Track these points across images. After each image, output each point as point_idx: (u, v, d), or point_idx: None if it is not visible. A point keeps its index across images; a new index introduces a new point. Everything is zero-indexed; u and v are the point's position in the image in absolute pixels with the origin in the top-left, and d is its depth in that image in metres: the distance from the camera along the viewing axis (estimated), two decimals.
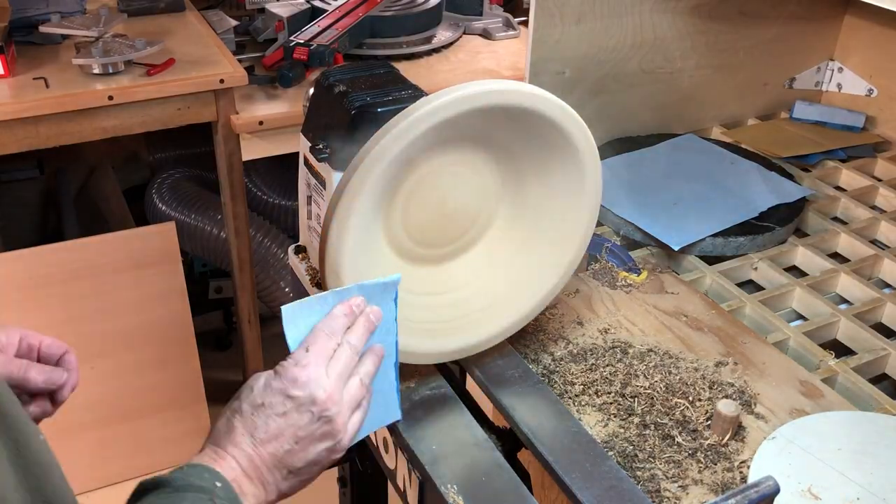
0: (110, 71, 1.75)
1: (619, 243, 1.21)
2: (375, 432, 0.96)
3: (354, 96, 0.92)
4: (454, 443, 0.87)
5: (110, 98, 1.71)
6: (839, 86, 1.63)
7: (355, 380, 0.78)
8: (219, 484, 0.69)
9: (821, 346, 1.06)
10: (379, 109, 0.90)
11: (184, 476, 0.68)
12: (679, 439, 0.88)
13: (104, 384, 1.93)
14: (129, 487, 0.70)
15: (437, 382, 0.95)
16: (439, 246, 0.93)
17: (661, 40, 1.41)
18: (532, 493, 0.82)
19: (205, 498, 0.67)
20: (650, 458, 0.87)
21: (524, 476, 0.86)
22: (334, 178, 0.90)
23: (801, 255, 1.25)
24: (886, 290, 1.18)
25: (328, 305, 0.78)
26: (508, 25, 2.32)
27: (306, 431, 0.74)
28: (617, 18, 1.35)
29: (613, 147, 1.43)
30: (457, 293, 0.95)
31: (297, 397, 0.74)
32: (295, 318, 0.79)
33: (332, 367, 0.76)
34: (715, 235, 1.22)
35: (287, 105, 1.89)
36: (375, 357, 0.80)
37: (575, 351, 1.00)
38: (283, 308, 0.78)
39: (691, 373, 0.97)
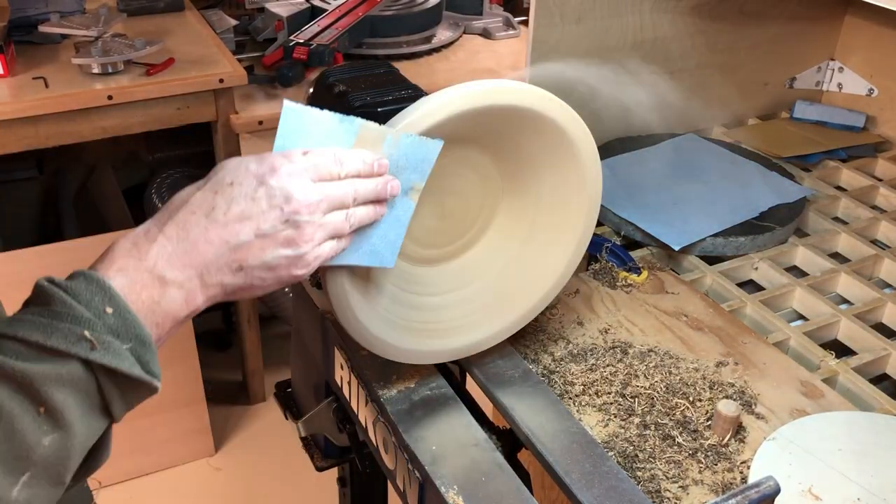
0: (110, 70, 1.75)
1: (619, 243, 1.21)
2: (375, 433, 0.96)
3: (354, 96, 0.92)
4: (454, 443, 0.87)
5: (110, 98, 1.71)
6: (840, 85, 1.63)
7: (341, 213, 0.69)
8: (109, 310, 0.58)
9: (821, 346, 1.06)
10: (379, 109, 0.90)
11: (71, 295, 0.58)
12: (679, 439, 0.88)
13: None
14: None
15: (436, 382, 0.95)
16: (439, 246, 0.93)
17: (662, 40, 1.41)
18: (532, 493, 0.82)
19: (76, 332, 0.56)
20: (650, 459, 0.86)
21: (524, 476, 0.86)
22: None
23: (802, 255, 1.25)
24: (887, 290, 1.18)
25: (348, 132, 0.71)
26: (508, 25, 2.32)
27: (270, 227, 0.64)
28: (617, 18, 1.34)
29: (613, 147, 1.43)
30: (457, 293, 0.95)
31: (272, 187, 0.64)
32: (300, 121, 0.70)
33: (321, 185, 0.67)
34: (715, 235, 1.21)
35: None
36: (373, 212, 0.72)
37: (575, 351, 1.00)
38: (287, 104, 0.69)
39: (692, 373, 0.97)
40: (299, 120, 0.70)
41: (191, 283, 0.63)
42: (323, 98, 0.97)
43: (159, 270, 0.61)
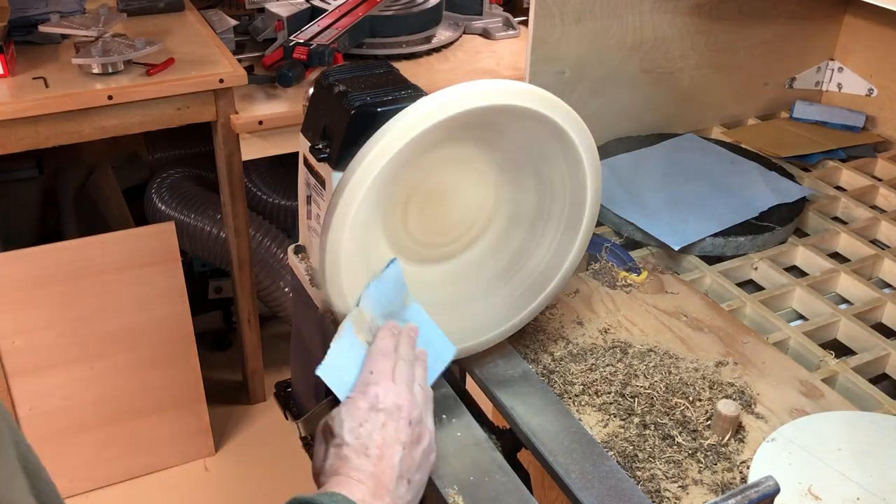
0: (110, 71, 1.75)
1: (619, 243, 1.21)
2: None
3: (354, 96, 0.92)
4: (454, 443, 0.87)
5: (110, 98, 1.71)
6: (839, 85, 1.63)
7: (416, 386, 0.81)
8: None
9: (821, 346, 1.06)
10: (379, 109, 0.90)
11: (327, 500, 0.70)
12: (679, 439, 0.88)
13: (104, 384, 1.93)
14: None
15: (436, 382, 0.94)
16: (439, 245, 0.93)
17: (661, 40, 1.41)
18: (532, 493, 0.82)
19: None
20: (650, 458, 0.86)
21: (524, 476, 0.86)
22: (334, 178, 0.90)
23: (802, 255, 1.25)
24: (886, 290, 1.18)
25: (355, 346, 0.83)
26: (508, 25, 2.32)
27: (407, 436, 0.76)
28: (617, 18, 1.35)
29: (613, 147, 1.43)
30: (457, 293, 0.95)
31: (386, 408, 0.77)
32: (333, 369, 0.82)
33: (397, 379, 0.79)
34: (715, 235, 1.22)
35: (287, 105, 1.89)
36: (422, 362, 0.85)
37: (575, 351, 1.00)
38: (320, 370, 0.82)
39: (691, 373, 0.97)
40: (332, 366, 0.83)
41: None
42: (323, 98, 0.97)
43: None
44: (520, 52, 2.16)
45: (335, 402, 1.13)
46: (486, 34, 2.30)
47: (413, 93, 0.93)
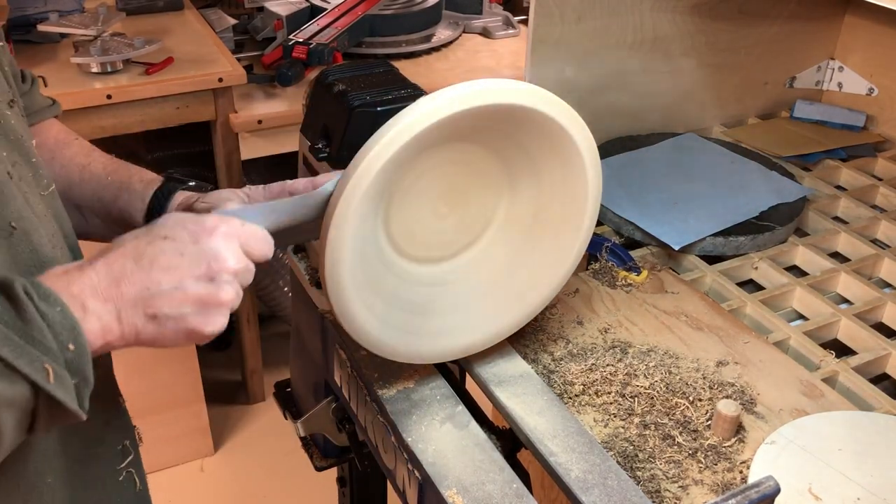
0: (109, 70, 1.75)
1: (619, 243, 1.21)
2: (374, 432, 0.96)
3: (354, 95, 0.92)
4: (454, 443, 0.87)
5: (109, 97, 1.71)
6: (840, 85, 1.63)
7: (239, 288, 0.72)
8: (72, 347, 0.60)
9: (821, 345, 1.06)
10: (378, 108, 0.90)
11: (48, 324, 0.59)
12: (679, 439, 0.88)
13: None
14: None
15: (436, 382, 0.94)
16: (439, 245, 0.93)
17: (662, 39, 1.41)
18: (532, 493, 0.82)
19: (41, 361, 0.58)
20: (650, 459, 0.86)
21: (524, 476, 0.86)
22: None
23: (802, 255, 1.25)
24: (887, 290, 1.18)
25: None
26: (508, 24, 2.32)
27: (193, 282, 0.66)
28: (617, 17, 1.34)
29: (613, 147, 1.43)
30: (457, 292, 0.95)
31: (204, 244, 0.67)
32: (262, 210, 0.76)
33: (245, 258, 0.70)
34: (715, 235, 1.21)
35: (286, 104, 1.89)
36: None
37: (575, 351, 1.00)
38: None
39: (691, 373, 0.97)
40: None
41: (109, 316, 0.64)
42: (322, 97, 0.97)
43: (83, 298, 0.63)
44: (519, 51, 2.16)
45: (335, 401, 1.14)
46: (485, 33, 2.30)
47: (412, 92, 0.93)
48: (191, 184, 0.88)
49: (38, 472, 0.70)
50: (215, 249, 0.67)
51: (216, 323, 0.68)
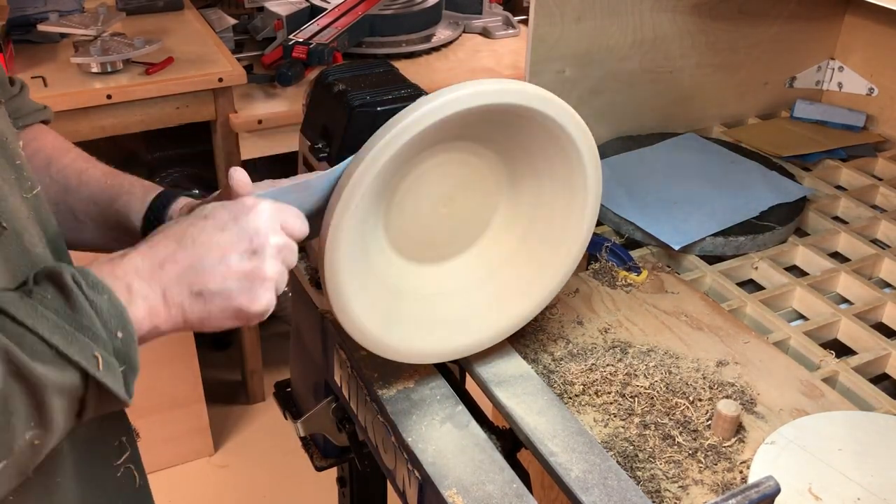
0: (109, 70, 1.75)
1: (619, 243, 1.21)
2: (374, 432, 0.96)
3: (354, 95, 0.92)
4: (454, 443, 0.87)
5: (109, 97, 1.71)
6: (840, 85, 1.63)
7: (284, 267, 0.72)
8: (120, 335, 0.61)
9: (821, 345, 1.06)
10: (378, 108, 0.90)
11: (96, 312, 0.60)
12: (679, 439, 0.88)
13: None
14: None
15: (436, 382, 0.94)
16: (439, 245, 0.93)
17: (662, 39, 1.41)
18: (532, 493, 0.82)
19: (91, 349, 0.59)
20: (650, 459, 0.86)
21: (524, 476, 0.86)
22: None
23: (802, 255, 1.25)
24: (887, 290, 1.18)
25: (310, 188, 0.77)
26: (508, 24, 2.32)
27: (237, 257, 0.67)
28: (617, 17, 1.34)
29: (613, 147, 1.43)
30: (456, 292, 0.95)
31: (245, 220, 0.68)
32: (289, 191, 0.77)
33: (285, 235, 0.71)
34: (715, 235, 1.21)
35: (286, 104, 1.89)
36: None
37: (575, 351, 1.00)
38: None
39: (692, 373, 0.97)
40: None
41: (155, 297, 0.65)
42: (322, 97, 0.97)
43: (128, 280, 0.64)
44: (519, 51, 2.16)
45: (335, 401, 1.13)
46: (485, 33, 2.30)
47: (412, 92, 0.93)
48: (194, 192, 0.89)
49: (48, 472, 0.71)
50: (256, 225, 0.68)
51: (263, 299, 0.69)
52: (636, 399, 0.93)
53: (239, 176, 0.73)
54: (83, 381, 0.59)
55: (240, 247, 0.67)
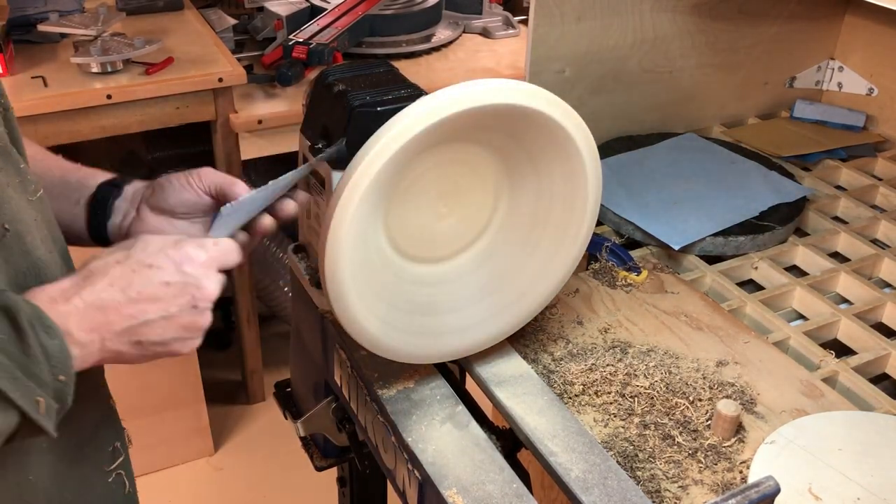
0: (109, 70, 1.75)
1: (619, 243, 1.21)
2: (374, 432, 0.96)
3: (354, 95, 0.91)
4: (454, 443, 0.87)
5: (109, 97, 1.71)
6: (839, 85, 1.63)
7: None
8: (62, 378, 0.63)
9: (821, 345, 1.06)
10: (378, 108, 0.90)
11: (47, 358, 0.62)
12: (679, 439, 0.88)
13: None
14: None
15: (436, 382, 0.94)
16: (439, 245, 0.93)
17: (662, 39, 1.41)
18: (532, 493, 0.82)
19: (36, 394, 0.61)
20: (650, 459, 0.86)
21: (524, 476, 0.86)
22: (334, 177, 0.90)
23: (802, 255, 1.25)
24: (887, 290, 1.18)
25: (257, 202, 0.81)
26: (508, 24, 2.32)
27: (177, 310, 0.70)
28: (617, 17, 1.34)
29: (613, 147, 1.43)
30: (456, 292, 0.95)
31: (187, 275, 0.70)
32: (234, 213, 0.79)
33: (219, 277, 0.74)
34: (715, 235, 1.21)
35: (286, 104, 1.89)
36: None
37: (575, 351, 1.00)
38: (226, 207, 0.79)
39: (691, 373, 0.97)
40: (236, 210, 0.79)
41: (92, 346, 0.67)
42: (322, 97, 0.97)
43: (70, 326, 0.65)
44: (519, 51, 2.16)
45: (335, 401, 1.13)
46: (485, 33, 2.30)
47: (412, 92, 0.93)
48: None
49: (21, 468, 0.71)
50: (197, 278, 0.71)
51: (193, 344, 0.73)
52: (636, 399, 0.93)
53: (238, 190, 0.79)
54: (20, 420, 0.62)
55: (182, 301, 0.70)
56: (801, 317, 1.15)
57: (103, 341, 0.67)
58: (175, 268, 0.70)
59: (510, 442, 0.91)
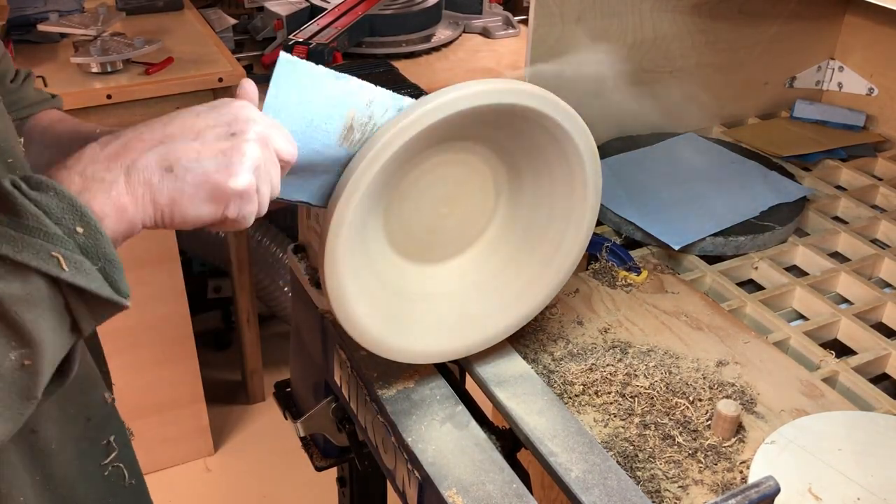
0: (109, 70, 1.75)
1: (619, 243, 1.21)
2: (374, 432, 0.96)
3: None
4: (454, 443, 0.87)
5: (109, 97, 1.71)
6: (840, 85, 1.63)
7: (277, 170, 0.66)
8: (80, 229, 0.55)
9: (821, 345, 1.06)
10: None
11: (43, 210, 0.54)
12: (679, 439, 0.88)
13: None
14: None
15: (436, 382, 0.94)
16: (439, 245, 0.93)
17: (662, 39, 1.41)
18: (532, 493, 0.82)
19: (47, 250, 0.53)
20: (650, 459, 0.86)
21: (524, 476, 0.86)
22: None
23: (802, 255, 1.25)
24: (887, 290, 1.18)
25: (342, 94, 0.74)
26: (508, 24, 2.32)
27: (213, 135, 0.62)
28: (617, 17, 1.34)
29: (613, 147, 1.43)
30: (456, 292, 0.95)
31: (223, 107, 0.64)
32: (295, 74, 0.73)
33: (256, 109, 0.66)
34: (715, 235, 1.21)
35: None
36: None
37: (575, 351, 1.00)
38: (284, 57, 0.71)
39: (691, 373, 0.97)
40: (294, 73, 0.73)
41: (114, 179, 0.58)
42: None
43: (82, 167, 0.59)
44: (519, 51, 2.16)
45: (334, 401, 1.13)
46: (485, 33, 2.30)
47: (412, 92, 0.93)
48: None
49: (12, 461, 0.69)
50: (236, 113, 0.63)
51: (242, 176, 0.62)
52: (636, 399, 0.93)
53: (248, 87, 0.68)
54: (52, 286, 0.54)
55: (217, 129, 0.62)
56: (802, 317, 1.15)
57: (127, 170, 0.58)
58: (208, 106, 0.64)
59: (510, 442, 0.91)
